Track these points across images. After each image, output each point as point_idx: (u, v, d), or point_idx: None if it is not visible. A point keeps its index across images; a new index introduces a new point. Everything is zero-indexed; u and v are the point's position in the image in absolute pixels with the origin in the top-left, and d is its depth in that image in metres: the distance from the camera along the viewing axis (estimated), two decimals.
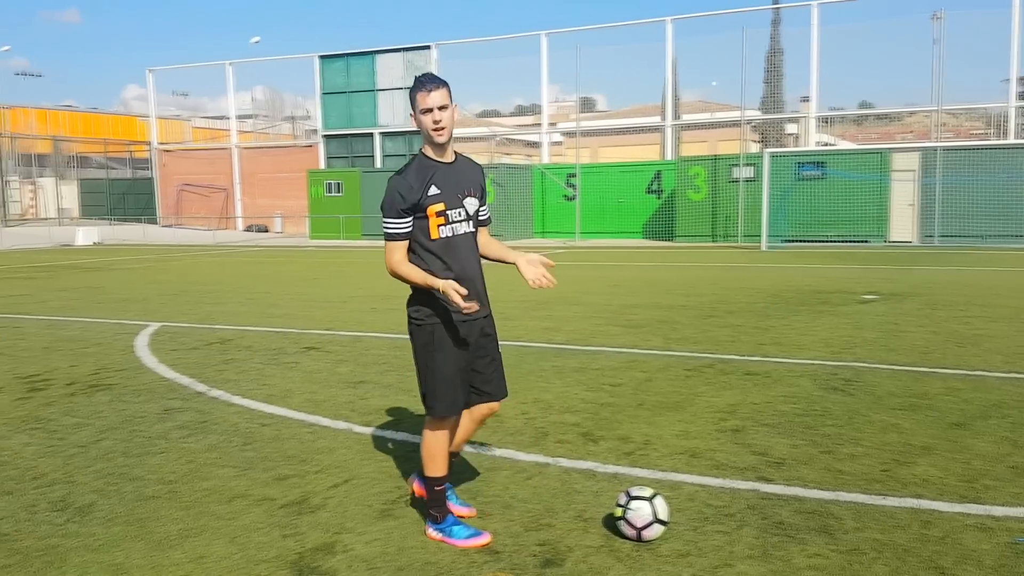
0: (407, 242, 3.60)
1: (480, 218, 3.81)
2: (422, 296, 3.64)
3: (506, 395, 3.90)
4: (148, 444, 5.16)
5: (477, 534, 3.64)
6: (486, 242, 3.86)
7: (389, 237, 3.58)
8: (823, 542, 3.56)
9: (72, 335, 9.54)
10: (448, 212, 3.60)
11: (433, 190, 3.55)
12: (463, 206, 3.65)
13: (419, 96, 3.52)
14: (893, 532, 3.64)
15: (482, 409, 3.87)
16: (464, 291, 3.43)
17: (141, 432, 5.43)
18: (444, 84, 3.55)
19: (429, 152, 3.63)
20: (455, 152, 3.72)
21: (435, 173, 3.58)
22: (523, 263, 3.69)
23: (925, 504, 3.96)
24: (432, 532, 3.70)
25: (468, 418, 3.89)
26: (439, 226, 3.59)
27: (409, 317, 3.70)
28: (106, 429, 5.51)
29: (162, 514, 3.99)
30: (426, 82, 3.53)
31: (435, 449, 3.71)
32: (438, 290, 3.49)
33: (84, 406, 6.15)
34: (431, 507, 3.74)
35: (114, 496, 4.25)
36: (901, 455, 4.70)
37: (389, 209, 3.54)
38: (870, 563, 3.34)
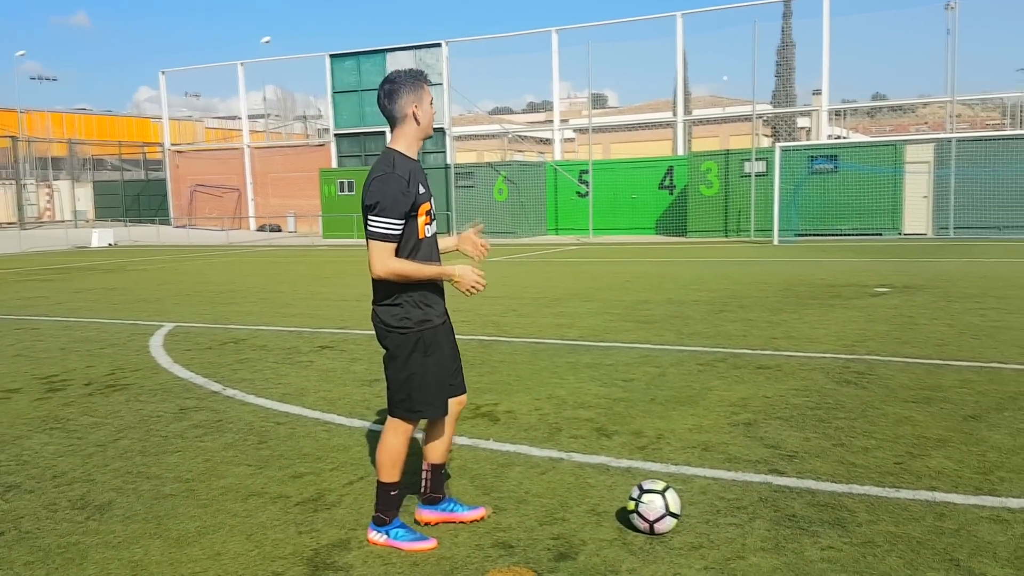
0: (396, 244, 3.42)
1: None
2: (405, 300, 3.47)
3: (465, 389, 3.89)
4: (165, 443, 5.21)
5: (423, 538, 3.58)
6: None
7: (385, 238, 3.35)
8: (836, 534, 3.56)
9: (88, 336, 9.63)
10: (431, 211, 3.54)
11: (421, 188, 3.46)
12: (433, 206, 3.61)
13: (428, 90, 3.53)
14: (907, 524, 3.64)
15: (454, 405, 3.80)
16: (481, 272, 3.47)
17: (158, 431, 5.48)
18: None
19: (405, 150, 3.50)
20: None
21: (416, 171, 3.46)
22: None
23: (939, 496, 3.95)
24: (375, 536, 3.61)
25: (447, 419, 3.80)
26: (426, 225, 3.50)
27: (387, 325, 3.51)
28: (123, 428, 5.57)
29: (179, 512, 4.04)
30: (429, 79, 3.56)
31: (399, 454, 3.61)
32: (452, 278, 3.47)
33: (101, 406, 6.21)
34: (381, 510, 3.62)
35: (132, 494, 4.29)
36: (915, 447, 4.69)
37: (391, 210, 3.33)
38: (884, 555, 3.35)
